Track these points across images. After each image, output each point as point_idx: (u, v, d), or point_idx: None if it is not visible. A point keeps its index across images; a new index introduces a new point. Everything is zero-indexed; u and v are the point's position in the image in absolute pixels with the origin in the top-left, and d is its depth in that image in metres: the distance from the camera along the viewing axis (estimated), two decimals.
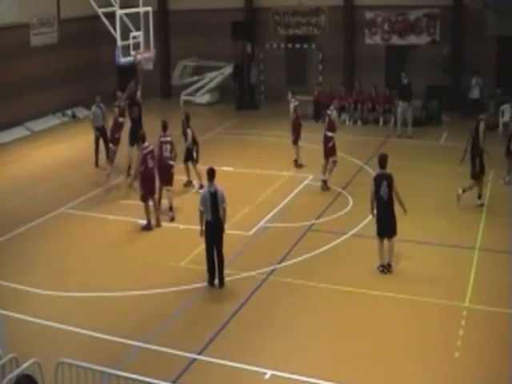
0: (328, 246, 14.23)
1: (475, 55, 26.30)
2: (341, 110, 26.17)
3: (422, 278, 12.78)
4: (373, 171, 19.19)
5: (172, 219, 16.04)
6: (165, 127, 16.49)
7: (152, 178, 15.71)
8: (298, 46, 29.32)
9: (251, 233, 15.11)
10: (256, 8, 30.01)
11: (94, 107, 20.84)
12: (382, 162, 12.96)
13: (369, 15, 28.30)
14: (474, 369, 9.86)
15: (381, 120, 25.69)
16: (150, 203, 15.66)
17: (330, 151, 17.89)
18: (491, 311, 11.48)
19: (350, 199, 17.07)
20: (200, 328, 11.15)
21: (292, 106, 20.02)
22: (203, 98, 30.27)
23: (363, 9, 28.32)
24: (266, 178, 17.31)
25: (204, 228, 12.50)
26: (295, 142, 20.02)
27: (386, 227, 12.92)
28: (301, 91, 28.05)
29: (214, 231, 12.49)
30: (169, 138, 16.34)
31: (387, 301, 11.93)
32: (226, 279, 12.76)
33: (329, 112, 18.36)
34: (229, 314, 11.51)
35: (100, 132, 20.56)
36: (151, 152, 15.71)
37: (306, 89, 28.58)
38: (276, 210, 16.26)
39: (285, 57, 29.92)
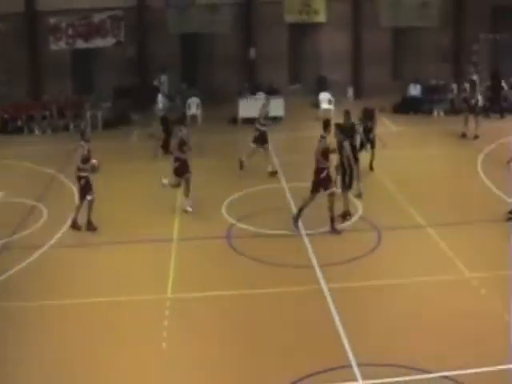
0: (28, 261, 13.67)
1: (161, 53, 27.25)
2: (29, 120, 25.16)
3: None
4: (67, 180, 18.53)
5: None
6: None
7: None
8: None
9: None
10: None
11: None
12: None
13: (52, 20, 27.57)
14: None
15: (71, 126, 25.01)
16: None
17: None
18: (192, 297, 12.04)
19: (45, 211, 16.48)
20: None
21: None
22: None
23: (47, 14, 27.37)
24: None
25: None
26: None
27: None
28: None
29: None
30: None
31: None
32: None
33: None
34: None
35: None
36: None
37: None
38: None
39: None
